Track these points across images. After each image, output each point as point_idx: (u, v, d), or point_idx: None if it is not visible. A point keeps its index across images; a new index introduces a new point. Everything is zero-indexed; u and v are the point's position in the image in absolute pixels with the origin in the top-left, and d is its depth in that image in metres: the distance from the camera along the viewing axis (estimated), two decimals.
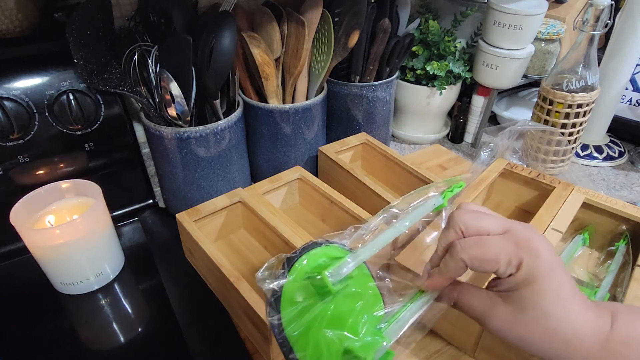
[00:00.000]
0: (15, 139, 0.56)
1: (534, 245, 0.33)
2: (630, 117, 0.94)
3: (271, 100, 0.70)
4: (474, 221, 0.34)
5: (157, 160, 0.67)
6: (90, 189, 0.57)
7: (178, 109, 0.60)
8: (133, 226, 0.68)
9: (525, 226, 0.35)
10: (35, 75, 0.57)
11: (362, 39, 0.73)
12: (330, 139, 0.79)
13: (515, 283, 0.33)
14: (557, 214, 0.61)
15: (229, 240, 0.65)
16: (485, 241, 0.33)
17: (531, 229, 0.35)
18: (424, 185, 0.67)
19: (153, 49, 0.58)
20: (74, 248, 0.53)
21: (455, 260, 0.34)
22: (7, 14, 0.57)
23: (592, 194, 0.65)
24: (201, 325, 0.54)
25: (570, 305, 0.33)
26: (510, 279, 0.33)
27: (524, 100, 1.06)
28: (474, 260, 0.33)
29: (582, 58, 0.73)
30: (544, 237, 0.34)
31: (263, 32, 0.66)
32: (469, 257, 0.33)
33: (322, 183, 0.66)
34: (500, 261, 0.32)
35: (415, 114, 0.93)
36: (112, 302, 0.57)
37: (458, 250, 0.34)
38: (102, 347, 0.52)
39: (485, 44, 0.83)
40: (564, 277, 0.33)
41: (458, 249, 0.34)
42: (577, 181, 0.70)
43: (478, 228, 0.34)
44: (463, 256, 0.33)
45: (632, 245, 0.60)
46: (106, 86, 0.59)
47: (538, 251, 0.32)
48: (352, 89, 0.77)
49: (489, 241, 0.33)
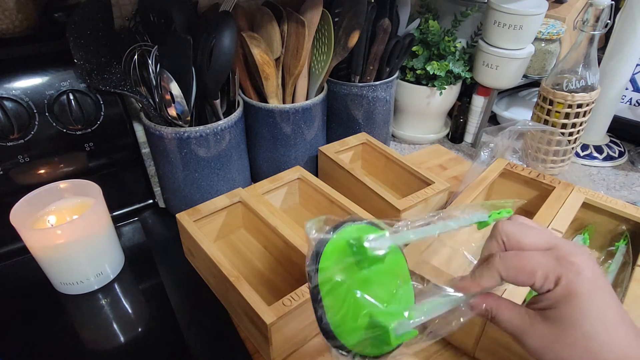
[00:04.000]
0: (15, 139, 0.56)
1: (576, 261, 0.31)
2: (630, 117, 0.94)
3: (271, 100, 0.70)
4: (518, 234, 0.34)
5: (157, 160, 0.67)
6: (90, 189, 0.57)
7: (178, 109, 0.60)
8: (133, 226, 0.68)
9: (574, 244, 0.34)
10: (35, 75, 0.57)
11: (362, 39, 0.73)
12: (330, 139, 0.79)
13: (554, 300, 0.32)
14: (557, 214, 0.61)
15: (229, 240, 0.65)
16: (525, 254, 0.33)
17: (580, 247, 0.33)
18: (423, 185, 0.67)
19: (153, 49, 0.58)
20: (74, 248, 0.53)
21: (490, 270, 0.33)
22: (7, 14, 0.57)
23: (592, 194, 0.65)
24: (201, 325, 0.54)
25: (616, 330, 0.31)
26: (549, 294, 0.32)
27: (524, 100, 1.06)
28: (510, 270, 0.33)
29: (582, 58, 0.73)
30: (590, 257, 0.33)
31: (263, 32, 0.66)
32: (505, 267, 0.33)
33: (322, 183, 0.66)
34: (536, 275, 0.32)
35: (415, 114, 0.93)
36: (112, 302, 0.57)
37: (496, 261, 0.33)
38: (102, 347, 0.52)
39: (485, 44, 0.83)
40: (609, 299, 0.32)
41: (496, 259, 0.33)
42: (577, 181, 0.70)
43: (520, 241, 0.34)
44: (499, 266, 0.33)
45: (632, 245, 0.60)
46: (106, 86, 0.59)
47: (580, 268, 0.31)
48: (352, 89, 0.77)
49: (528, 254, 0.33)
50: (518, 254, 0.33)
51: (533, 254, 0.33)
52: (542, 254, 0.32)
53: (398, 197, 0.65)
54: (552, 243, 0.33)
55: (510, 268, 0.33)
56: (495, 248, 0.35)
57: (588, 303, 0.31)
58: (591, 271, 0.31)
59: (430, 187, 0.66)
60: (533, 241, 0.33)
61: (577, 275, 0.31)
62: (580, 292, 0.31)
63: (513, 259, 0.33)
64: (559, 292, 0.31)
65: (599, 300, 0.31)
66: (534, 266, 0.32)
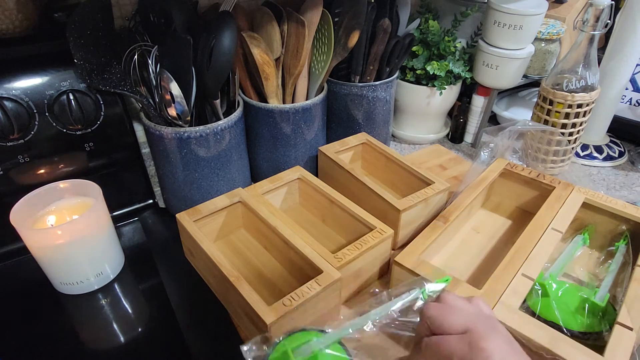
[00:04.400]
0: (15, 139, 0.56)
1: (487, 347, 0.36)
2: (630, 117, 0.94)
3: (271, 100, 0.70)
4: (439, 318, 0.40)
5: (157, 160, 0.67)
6: (90, 189, 0.57)
7: (178, 109, 0.60)
8: (133, 226, 0.68)
9: (487, 325, 0.39)
10: (35, 75, 0.57)
11: (362, 39, 0.73)
12: (330, 139, 0.79)
13: None
14: (557, 214, 0.61)
15: (229, 240, 0.65)
16: (444, 341, 0.39)
17: (493, 328, 0.38)
18: (423, 185, 0.67)
19: (153, 49, 0.58)
20: (74, 248, 0.54)
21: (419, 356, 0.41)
22: (7, 14, 0.57)
23: (592, 194, 0.65)
24: (201, 325, 0.54)
25: None
26: None
27: (524, 100, 1.06)
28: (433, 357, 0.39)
29: (582, 58, 0.73)
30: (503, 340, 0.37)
31: (263, 32, 0.66)
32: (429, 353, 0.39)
33: (322, 183, 0.66)
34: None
35: (415, 114, 0.93)
36: (112, 302, 0.57)
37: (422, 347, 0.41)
38: (102, 347, 0.52)
39: (485, 44, 0.83)
40: None
41: (422, 345, 0.40)
42: (577, 181, 0.70)
43: (440, 326, 0.40)
44: (425, 352, 0.40)
45: (632, 245, 0.60)
46: (106, 86, 0.59)
47: (490, 353, 0.35)
48: (352, 89, 0.77)
49: (446, 341, 0.38)
50: (438, 341, 0.39)
51: (450, 341, 0.38)
52: (458, 341, 0.38)
53: (398, 197, 0.65)
54: (467, 326, 0.38)
55: (432, 355, 0.39)
56: (423, 331, 0.41)
57: None
58: (499, 356, 0.36)
59: (430, 187, 0.66)
60: (451, 325, 0.39)
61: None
62: None
63: (433, 346, 0.39)
64: None
65: None
66: (451, 353, 0.37)
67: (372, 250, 0.56)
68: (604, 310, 0.50)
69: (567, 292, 0.53)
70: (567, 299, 0.52)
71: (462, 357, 0.36)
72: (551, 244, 0.57)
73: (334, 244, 0.65)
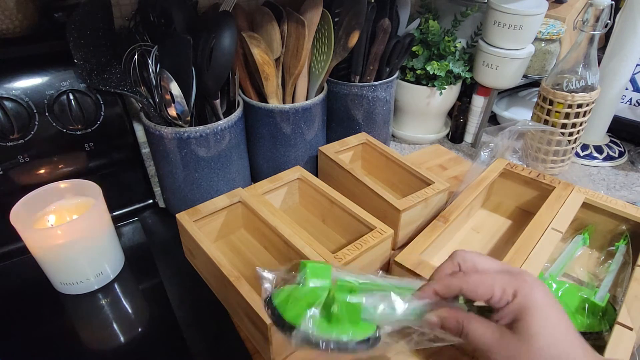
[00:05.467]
0: (15, 139, 0.56)
1: (528, 279, 0.35)
2: (630, 117, 0.94)
3: (271, 100, 0.70)
4: (473, 258, 0.38)
5: (157, 160, 0.67)
6: (90, 189, 0.57)
7: (178, 109, 0.60)
8: (133, 226, 0.68)
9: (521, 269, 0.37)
10: (35, 75, 0.57)
11: (362, 39, 0.73)
12: (330, 139, 0.79)
13: (513, 314, 0.34)
14: (557, 214, 0.61)
15: (229, 240, 0.65)
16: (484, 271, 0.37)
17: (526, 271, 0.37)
18: (423, 185, 0.67)
19: (153, 49, 0.58)
20: (74, 248, 0.53)
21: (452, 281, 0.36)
22: (7, 14, 0.57)
23: (592, 194, 0.65)
24: (201, 325, 0.54)
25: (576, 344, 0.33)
26: (507, 308, 0.34)
27: (524, 100, 1.06)
28: (470, 284, 0.35)
29: (582, 58, 0.73)
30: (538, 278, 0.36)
31: (263, 32, 0.66)
32: (466, 280, 0.36)
33: (322, 183, 0.66)
34: (494, 288, 0.34)
35: (415, 114, 0.93)
36: (112, 302, 0.57)
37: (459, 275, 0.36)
38: (102, 347, 0.52)
39: (485, 44, 0.83)
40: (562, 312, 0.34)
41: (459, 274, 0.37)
42: (577, 181, 0.70)
43: (476, 264, 0.37)
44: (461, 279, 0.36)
45: (632, 245, 0.60)
46: (106, 86, 0.59)
47: (533, 284, 0.34)
48: (352, 89, 0.77)
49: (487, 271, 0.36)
50: (477, 271, 0.37)
51: (490, 272, 0.36)
52: (498, 272, 0.36)
53: (398, 197, 0.65)
54: (504, 267, 0.37)
55: (471, 282, 0.36)
56: (450, 269, 0.38)
57: (548, 313, 0.33)
58: (542, 287, 0.35)
59: (430, 187, 0.66)
60: (487, 264, 0.37)
61: (531, 290, 0.34)
62: (539, 305, 0.33)
63: (473, 274, 0.36)
64: (516, 305, 0.34)
65: (553, 313, 0.34)
66: (493, 280, 0.35)
67: (372, 250, 0.56)
68: (604, 310, 0.50)
69: (567, 292, 0.53)
70: (567, 299, 0.52)
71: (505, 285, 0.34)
72: (551, 244, 0.57)
73: (334, 244, 0.65)
